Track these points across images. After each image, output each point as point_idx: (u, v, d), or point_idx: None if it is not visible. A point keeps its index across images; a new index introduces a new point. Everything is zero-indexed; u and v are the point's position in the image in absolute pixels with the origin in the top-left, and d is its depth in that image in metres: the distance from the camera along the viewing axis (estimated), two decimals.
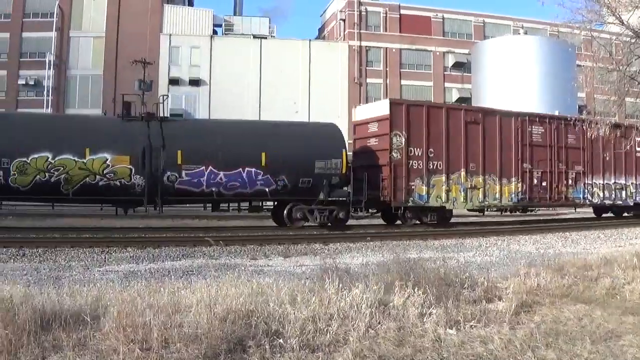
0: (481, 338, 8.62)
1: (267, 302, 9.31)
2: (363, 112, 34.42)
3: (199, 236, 23.54)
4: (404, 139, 30.45)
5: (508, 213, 41.82)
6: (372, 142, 31.88)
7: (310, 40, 79.41)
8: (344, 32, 79.68)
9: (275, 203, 30.29)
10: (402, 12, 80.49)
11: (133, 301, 8.92)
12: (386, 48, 79.40)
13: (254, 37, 75.53)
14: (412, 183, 30.64)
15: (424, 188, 30.93)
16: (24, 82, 68.67)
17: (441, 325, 9.01)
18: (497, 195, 33.38)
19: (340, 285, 10.12)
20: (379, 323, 9.00)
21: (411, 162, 30.71)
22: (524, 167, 34.33)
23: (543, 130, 35.52)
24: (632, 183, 39.52)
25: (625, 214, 41.64)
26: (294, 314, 8.73)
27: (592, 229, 32.21)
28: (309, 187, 28.32)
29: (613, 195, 38.72)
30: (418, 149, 30.91)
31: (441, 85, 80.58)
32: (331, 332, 8.37)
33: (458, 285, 11.32)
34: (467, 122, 32.58)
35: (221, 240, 21.43)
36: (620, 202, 39.33)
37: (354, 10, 78.58)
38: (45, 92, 68.48)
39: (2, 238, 20.35)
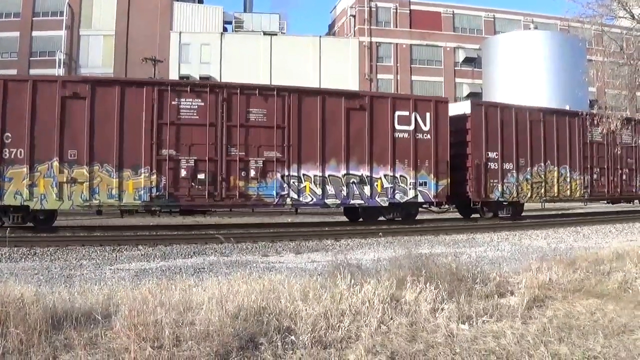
0: (493, 333, 8.60)
1: (279, 299, 9.31)
2: None
3: (210, 233, 23.54)
4: None
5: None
6: None
7: (320, 36, 79.52)
8: (354, 28, 79.74)
9: None
10: (412, 7, 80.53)
11: (144, 299, 8.92)
12: (396, 44, 79.44)
13: (264, 33, 75.77)
14: None
15: None
16: None
17: (453, 321, 8.99)
18: (115, 192, 25.36)
19: (352, 281, 10.12)
20: (391, 319, 8.99)
21: None
22: (162, 154, 25.95)
23: (201, 104, 26.69)
24: (385, 175, 29.44)
25: (400, 217, 30.95)
26: (306, 310, 8.72)
27: (603, 224, 31.90)
28: None
29: (344, 193, 28.55)
30: None
31: (452, 80, 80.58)
32: (343, 328, 8.36)
33: (470, 280, 11.28)
34: (64, 97, 25.00)
35: (232, 237, 21.44)
36: (362, 202, 29.25)
37: (364, 6, 78.63)
38: None
39: (14, 237, 20.34)
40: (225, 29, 77.84)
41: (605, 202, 42.03)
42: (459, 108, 33.38)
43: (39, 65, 69.03)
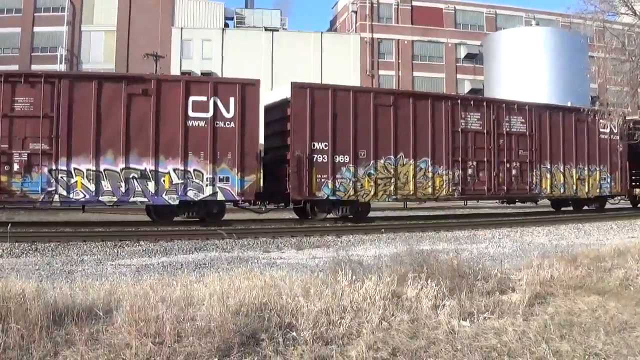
0: (495, 330, 8.59)
1: (280, 295, 9.30)
2: None
3: (212, 229, 23.51)
4: None
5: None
6: None
7: (322, 32, 79.50)
8: (356, 24, 79.76)
9: None
10: (414, 3, 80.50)
11: (146, 295, 8.92)
12: (398, 40, 79.45)
13: (266, 29, 75.85)
14: None
15: None
16: None
17: (455, 317, 8.97)
18: None
19: (354, 277, 10.11)
20: (393, 315, 8.98)
21: None
22: None
23: None
24: (175, 169, 26.06)
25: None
26: (307, 306, 8.71)
27: (604, 221, 31.83)
28: None
29: (123, 189, 25.35)
30: None
31: (453, 76, 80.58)
32: (344, 324, 8.35)
33: (471, 276, 11.27)
34: None
35: (234, 233, 21.41)
36: (145, 200, 26.11)
37: (365, 2, 78.62)
38: None
39: (15, 233, 20.33)
40: (226, 25, 77.97)
41: (501, 201, 38.39)
42: (282, 93, 29.63)
43: (40, 61, 69.01)
